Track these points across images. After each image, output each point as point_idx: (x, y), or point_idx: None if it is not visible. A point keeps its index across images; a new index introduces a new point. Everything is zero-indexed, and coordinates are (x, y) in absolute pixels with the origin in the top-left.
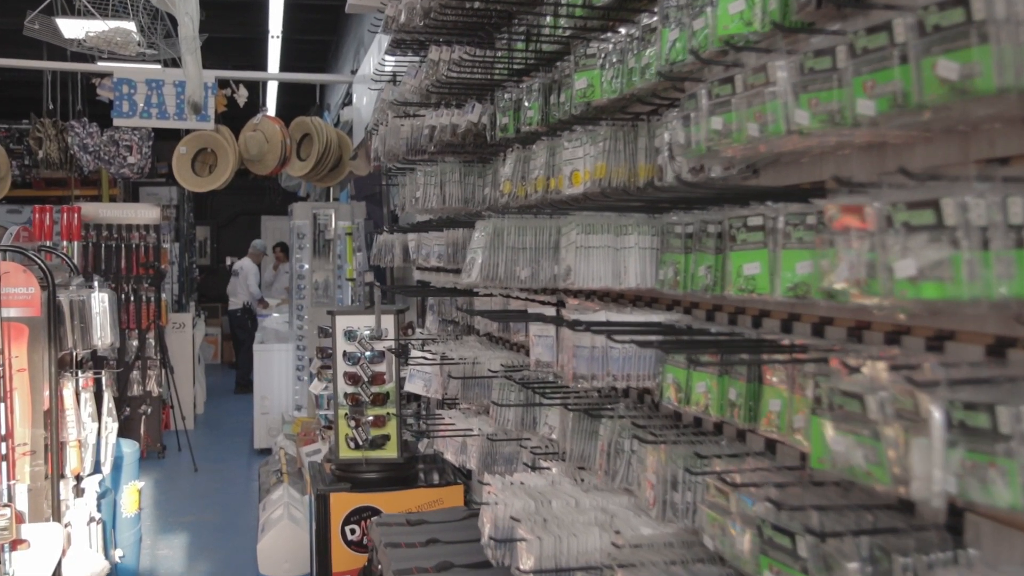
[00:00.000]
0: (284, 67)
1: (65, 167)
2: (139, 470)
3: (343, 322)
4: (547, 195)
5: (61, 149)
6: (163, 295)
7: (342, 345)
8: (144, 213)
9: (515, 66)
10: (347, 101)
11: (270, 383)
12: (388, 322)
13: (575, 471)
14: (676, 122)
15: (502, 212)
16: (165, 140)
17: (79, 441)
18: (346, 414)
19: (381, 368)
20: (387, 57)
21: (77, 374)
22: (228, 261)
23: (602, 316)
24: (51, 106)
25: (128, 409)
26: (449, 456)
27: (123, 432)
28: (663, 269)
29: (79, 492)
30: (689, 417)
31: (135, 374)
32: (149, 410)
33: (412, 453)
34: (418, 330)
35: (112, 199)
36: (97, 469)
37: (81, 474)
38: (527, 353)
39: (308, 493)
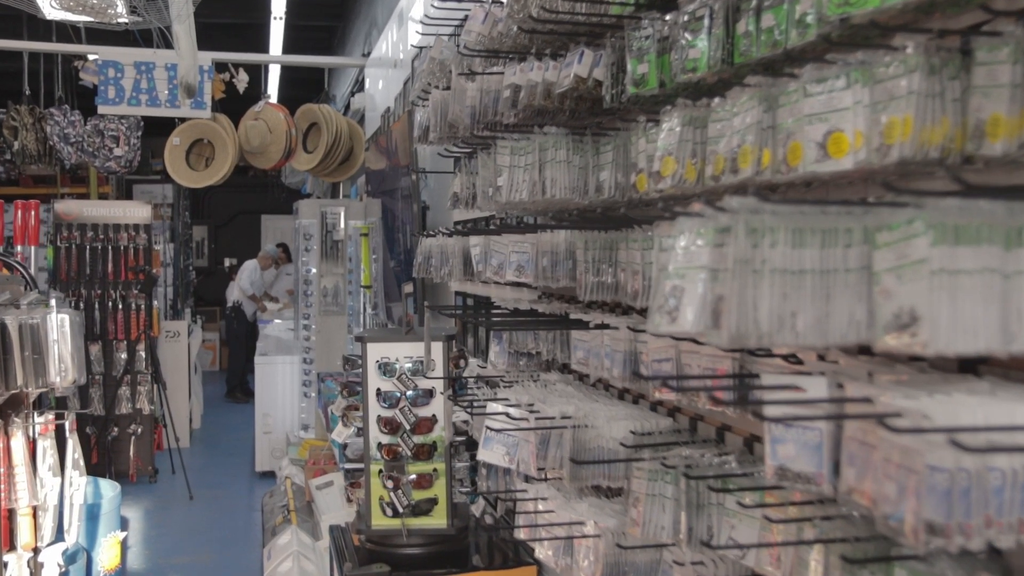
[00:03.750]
0: (287, 54)
1: (44, 160)
2: (120, 518)
3: (376, 351)
4: (776, 173)
5: (39, 140)
6: (155, 303)
7: (376, 381)
8: (134, 211)
9: None
10: (355, 89)
11: (273, 399)
12: (432, 350)
13: None
14: None
15: (662, 203)
16: (160, 135)
17: (32, 508)
18: (380, 471)
19: (427, 412)
20: (437, 2)
21: (31, 419)
22: (227, 263)
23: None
24: (28, 91)
25: (116, 429)
26: (542, 554)
27: (111, 455)
28: None
29: (35, 569)
30: None
31: (124, 390)
32: (139, 430)
33: (465, 521)
34: (471, 360)
35: (103, 198)
36: (60, 536)
37: (39, 545)
38: (666, 410)
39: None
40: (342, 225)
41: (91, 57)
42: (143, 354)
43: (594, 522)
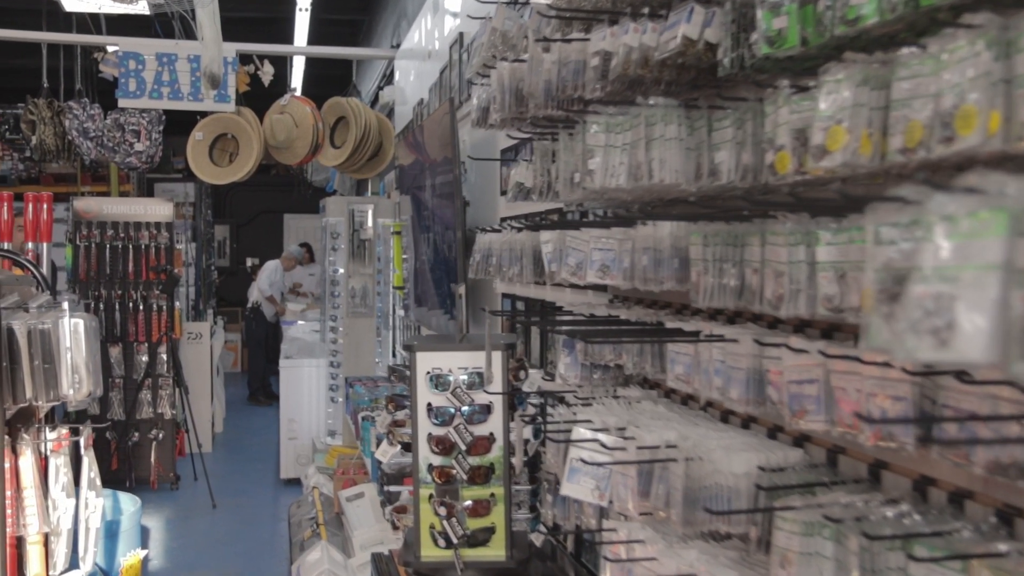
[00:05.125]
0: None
1: (63, 155)
2: (140, 535)
3: (427, 362)
4: (1018, 140)
5: (58, 135)
6: (176, 303)
7: (426, 395)
8: (155, 209)
9: None
10: (382, 83)
11: (298, 404)
12: (492, 361)
13: None
14: None
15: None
16: (181, 133)
17: (43, 535)
18: (431, 496)
19: (484, 430)
20: None
21: (43, 434)
22: (249, 262)
23: None
24: (46, 84)
25: (137, 435)
26: None
27: (132, 461)
28: None
29: None
30: None
31: (145, 394)
32: (161, 435)
33: (525, 552)
34: (533, 372)
35: (124, 196)
36: (75, 563)
37: (51, 575)
38: (790, 438)
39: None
40: (370, 223)
41: (111, 49)
42: (164, 357)
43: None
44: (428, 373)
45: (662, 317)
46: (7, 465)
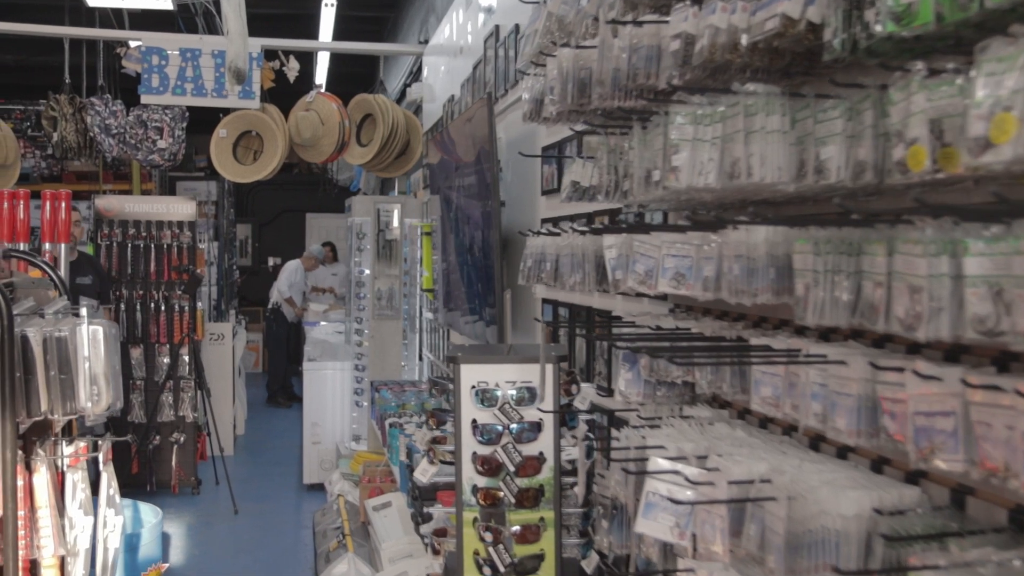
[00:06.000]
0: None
1: (84, 152)
2: (161, 545)
3: (472, 374)
4: None
5: (79, 131)
6: (199, 304)
7: (471, 411)
8: (177, 208)
9: None
10: (409, 80)
11: (322, 408)
12: (536, 373)
13: None
14: None
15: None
16: (204, 132)
17: (59, 558)
18: (476, 519)
19: (534, 449)
20: None
21: (59, 448)
22: (270, 262)
23: None
24: (68, 80)
25: (158, 438)
26: None
27: (153, 465)
28: None
29: None
30: None
31: (166, 397)
32: (182, 438)
33: None
34: (583, 386)
35: (146, 195)
36: None
37: None
38: (902, 473)
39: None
40: (395, 223)
41: (133, 44)
42: (186, 358)
43: None
44: (474, 387)
45: (741, 331)
46: (20, 483)
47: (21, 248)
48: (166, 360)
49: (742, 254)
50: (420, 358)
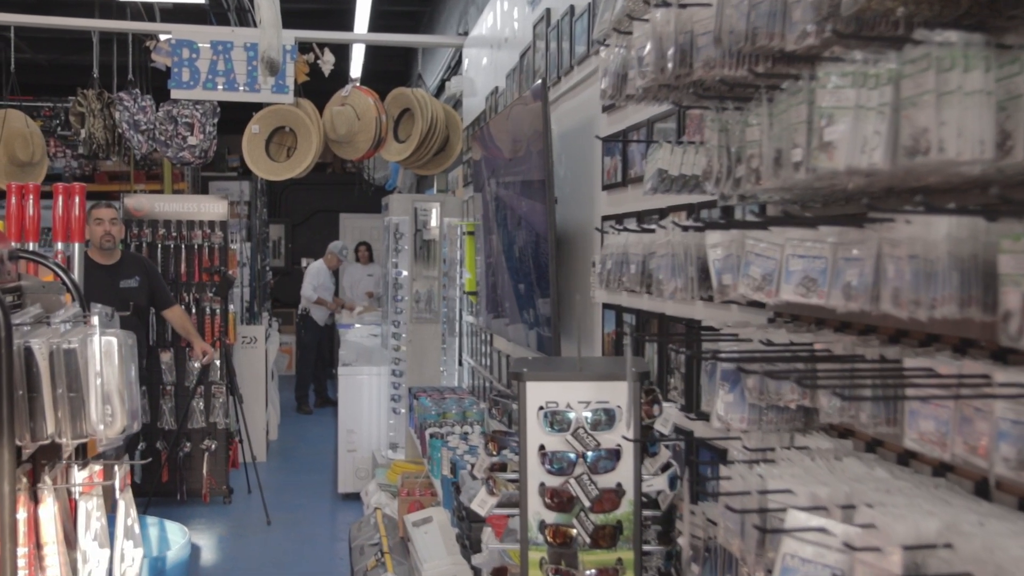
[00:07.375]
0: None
1: (113, 149)
2: (187, 571)
3: (540, 393)
4: None
5: (107, 128)
6: (231, 306)
7: (538, 436)
8: (209, 207)
9: None
10: (447, 74)
11: (358, 415)
12: (618, 393)
13: None
14: None
15: None
16: (236, 131)
17: None
18: (543, 560)
19: (611, 480)
20: None
21: (70, 473)
22: (304, 263)
23: None
24: (96, 75)
25: (188, 445)
26: None
27: (183, 473)
28: None
29: None
30: None
31: (197, 402)
32: (213, 446)
33: None
34: (665, 406)
35: (178, 194)
36: None
37: None
38: None
39: None
40: (434, 223)
41: (163, 37)
42: (218, 363)
43: None
44: (541, 408)
45: (885, 350)
46: (24, 515)
47: (31, 248)
48: (197, 365)
49: (917, 254)
50: (460, 363)
